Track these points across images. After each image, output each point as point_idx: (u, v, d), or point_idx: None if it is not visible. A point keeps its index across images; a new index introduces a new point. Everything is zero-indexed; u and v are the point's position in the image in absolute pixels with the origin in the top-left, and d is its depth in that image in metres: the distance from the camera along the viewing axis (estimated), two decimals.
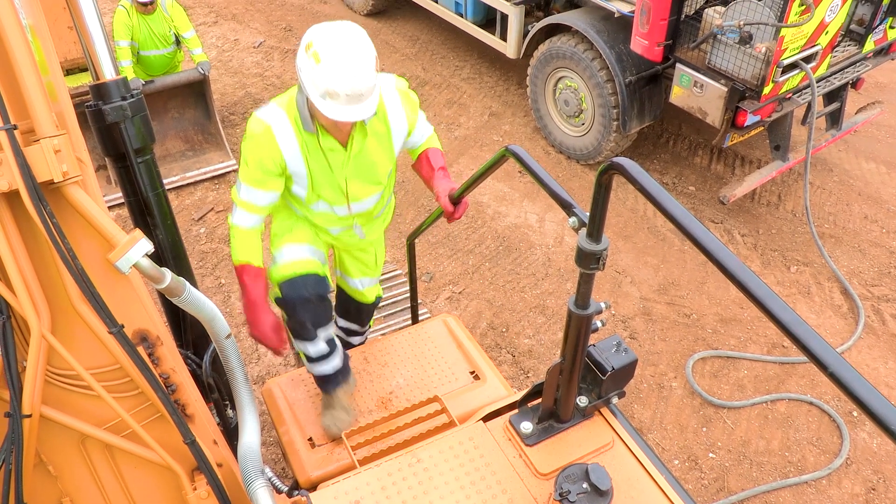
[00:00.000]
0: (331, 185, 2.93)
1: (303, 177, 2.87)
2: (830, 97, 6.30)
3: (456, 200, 3.11)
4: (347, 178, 2.93)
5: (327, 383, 3.28)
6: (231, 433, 3.10)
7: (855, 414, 4.74)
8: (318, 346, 3.20)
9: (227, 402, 3.18)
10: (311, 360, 3.24)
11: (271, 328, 3.02)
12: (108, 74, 2.50)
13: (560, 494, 2.18)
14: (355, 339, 4.00)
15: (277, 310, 3.19)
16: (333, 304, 3.64)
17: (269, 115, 2.75)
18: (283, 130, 2.75)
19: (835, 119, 6.40)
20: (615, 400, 2.51)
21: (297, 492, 2.90)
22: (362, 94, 2.56)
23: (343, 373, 3.33)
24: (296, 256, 3.10)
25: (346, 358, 3.37)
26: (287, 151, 2.77)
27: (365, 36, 2.59)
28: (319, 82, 2.51)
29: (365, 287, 3.66)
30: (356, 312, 3.85)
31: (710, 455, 4.54)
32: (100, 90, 2.49)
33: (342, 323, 3.92)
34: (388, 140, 2.94)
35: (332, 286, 3.46)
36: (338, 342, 3.35)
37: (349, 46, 2.52)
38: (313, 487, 2.53)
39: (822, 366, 1.38)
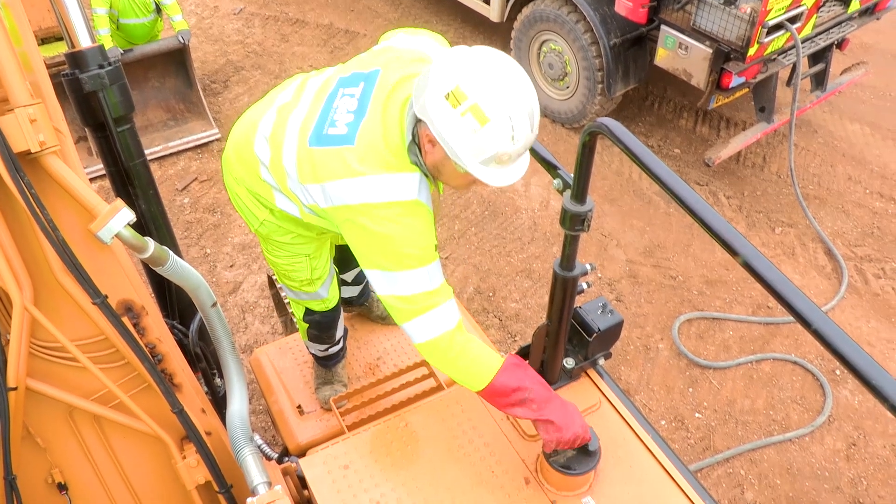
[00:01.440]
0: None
1: None
2: (815, 58, 6.28)
3: None
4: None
5: (329, 360, 3.29)
6: (219, 402, 3.10)
7: (838, 372, 4.81)
8: (333, 345, 3.22)
9: (215, 371, 3.18)
10: (321, 352, 3.26)
11: (581, 423, 2.20)
12: (84, 42, 2.45)
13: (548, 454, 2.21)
14: (353, 291, 3.52)
15: (303, 324, 3.11)
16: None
17: (410, 190, 2.08)
18: (426, 195, 2.15)
19: (820, 80, 6.39)
20: (601, 361, 2.54)
21: (286, 458, 2.92)
22: (536, 134, 1.99)
23: (344, 350, 3.32)
24: (330, 288, 2.93)
25: (345, 332, 3.35)
26: (432, 209, 2.20)
27: (517, 64, 1.98)
28: (490, 142, 1.90)
29: None
30: None
31: (697, 415, 4.59)
32: (76, 58, 2.44)
33: (351, 276, 3.43)
34: None
35: None
36: (344, 327, 3.33)
37: (515, 87, 1.90)
38: (303, 454, 2.55)
39: (805, 323, 1.39)
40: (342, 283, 3.38)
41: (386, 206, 2.05)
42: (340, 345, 3.27)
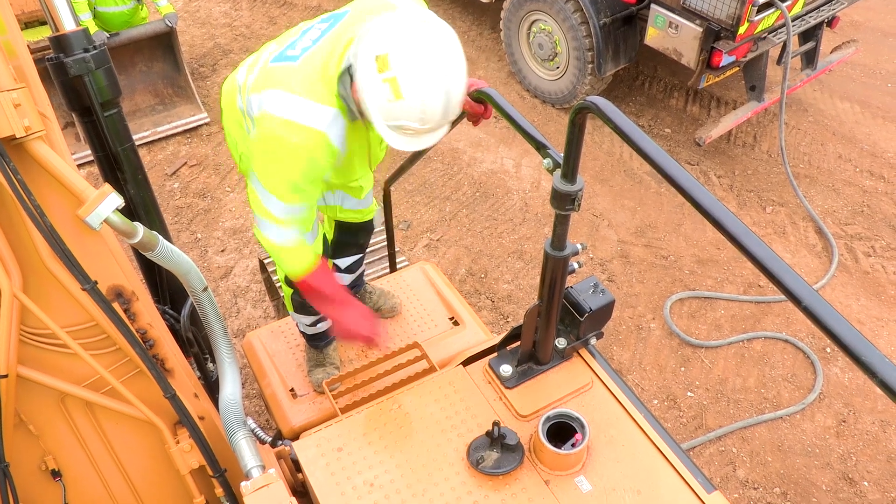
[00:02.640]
0: (361, 160, 2.67)
1: (339, 163, 2.47)
2: (806, 36, 6.27)
3: (479, 101, 2.56)
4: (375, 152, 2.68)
5: (320, 340, 3.28)
6: (212, 386, 3.10)
7: (829, 350, 4.84)
8: (318, 317, 3.19)
9: (207, 356, 3.18)
10: (307, 325, 3.24)
11: (370, 320, 2.63)
12: (68, 25, 2.43)
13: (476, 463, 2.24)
14: (347, 279, 3.45)
15: (287, 288, 3.09)
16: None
17: (320, 121, 2.20)
18: (339, 134, 2.26)
19: (810, 59, 6.38)
20: (593, 341, 2.54)
21: (280, 441, 2.92)
22: (450, 119, 2.11)
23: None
24: (313, 242, 2.84)
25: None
26: (341, 147, 2.32)
27: (456, 43, 2.08)
28: (395, 115, 2.03)
29: (371, 201, 3.24)
30: (363, 235, 3.34)
31: (689, 394, 4.62)
32: (60, 42, 2.41)
33: (345, 263, 3.39)
34: None
35: None
36: None
37: (443, 70, 1.99)
38: (297, 437, 2.55)
39: (796, 300, 1.39)
40: (336, 268, 3.37)
41: (292, 125, 2.17)
42: (329, 322, 3.26)
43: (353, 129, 2.35)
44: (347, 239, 3.33)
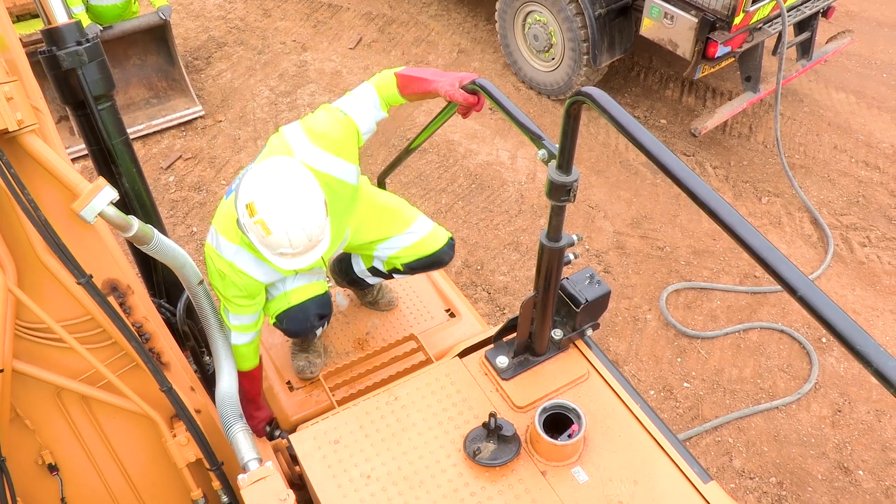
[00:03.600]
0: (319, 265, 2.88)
1: (282, 275, 2.82)
2: (801, 27, 6.26)
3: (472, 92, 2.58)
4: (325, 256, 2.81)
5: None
6: (209, 380, 3.10)
7: (824, 340, 4.85)
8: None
9: (204, 349, 3.18)
10: None
11: (263, 423, 3.00)
12: (60, 18, 2.41)
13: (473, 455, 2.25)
14: (374, 280, 3.44)
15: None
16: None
17: (228, 253, 2.64)
18: (247, 263, 2.64)
19: (805, 49, 6.38)
20: (590, 332, 2.54)
21: (277, 432, 2.93)
22: (319, 240, 2.43)
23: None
24: (297, 284, 2.93)
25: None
26: (262, 275, 2.69)
27: (307, 180, 2.37)
28: (273, 246, 2.37)
29: (426, 230, 3.12)
30: (433, 267, 3.25)
31: (685, 384, 4.63)
32: (52, 35, 2.40)
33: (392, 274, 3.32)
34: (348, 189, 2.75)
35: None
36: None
37: (297, 206, 2.32)
38: (293, 430, 2.55)
39: (791, 290, 1.39)
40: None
41: (215, 255, 2.66)
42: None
43: None
44: (418, 269, 3.22)
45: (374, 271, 3.27)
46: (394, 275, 3.24)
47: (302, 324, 2.93)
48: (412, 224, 3.10)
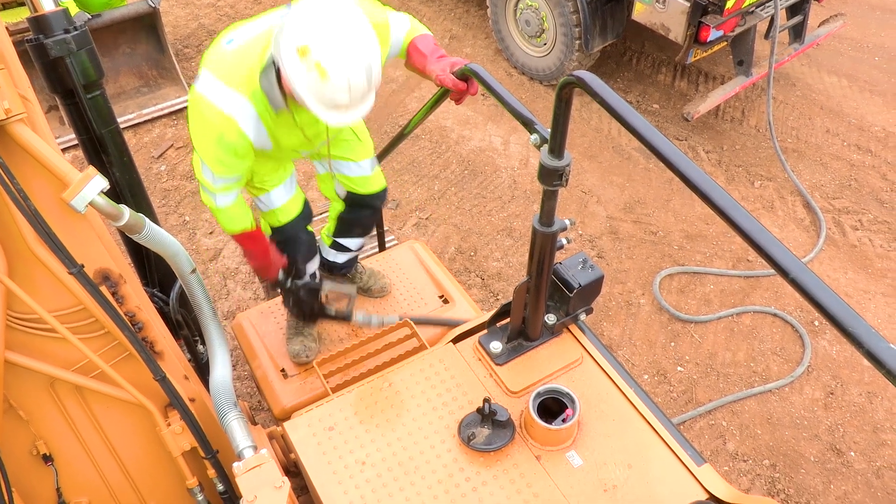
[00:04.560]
0: (296, 143, 2.75)
1: (268, 146, 2.65)
2: (793, 10, 6.26)
3: (463, 78, 2.64)
4: (329, 144, 2.82)
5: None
6: (203, 368, 3.10)
7: (816, 323, 4.87)
8: (303, 280, 3.23)
9: (197, 338, 3.18)
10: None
11: (281, 265, 3.05)
12: (47, 6, 2.39)
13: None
14: (345, 257, 3.51)
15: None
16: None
17: (229, 106, 2.42)
18: (248, 120, 2.46)
19: (797, 32, 6.36)
20: (583, 317, 2.55)
21: (297, 281, 3.15)
22: (375, 86, 2.30)
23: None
24: (282, 201, 3.03)
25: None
26: (255, 138, 2.52)
27: (363, 19, 2.23)
28: (327, 97, 2.22)
29: (372, 168, 3.23)
30: (367, 212, 3.37)
31: (679, 368, 4.65)
32: (39, 23, 2.38)
33: (345, 241, 3.46)
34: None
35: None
36: (317, 273, 3.37)
37: (356, 48, 2.17)
38: (288, 417, 2.56)
39: (783, 272, 1.40)
40: (336, 246, 3.44)
41: (209, 105, 2.42)
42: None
43: (277, 119, 2.53)
44: (354, 215, 3.36)
45: (336, 245, 3.44)
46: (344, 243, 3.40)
47: (293, 232, 3.05)
48: (367, 159, 3.20)
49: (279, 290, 3.14)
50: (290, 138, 2.69)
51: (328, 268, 3.53)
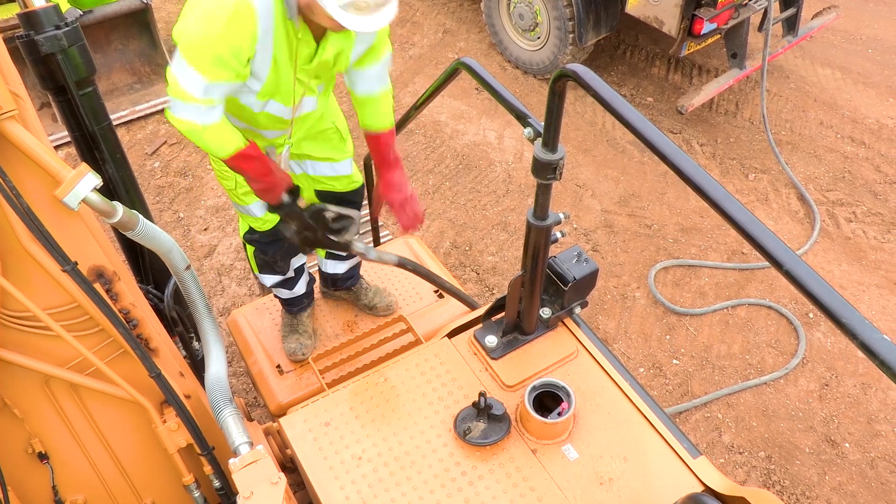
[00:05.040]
0: (286, 82, 2.55)
1: (264, 69, 2.42)
2: (786, 2, 6.25)
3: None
4: (307, 77, 2.57)
5: (293, 305, 3.27)
6: (199, 365, 3.09)
7: (811, 315, 4.88)
8: (285, 277, 3.19)
9: (193, 335, 3.17)
10: (275, 284, 3.22)
11: (287, 185, 2.67)
12: (38, 2, 2.38)
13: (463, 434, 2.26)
14: (344, 266, 3.45)
15: (250, 246, 3.12)
16: None
17: None
18: (266, 16, 2.26)
19: (791, 25, 6.37)
20: (578, 310, 2.55)
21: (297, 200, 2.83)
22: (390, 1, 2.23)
23: (308, 296, 3.31)
24: (263, 211, 2.90)
25: (311, 282, 3.35)
26: (263, 39, 2.30)
27: None
28: None
29: (352, 168, 3.15)
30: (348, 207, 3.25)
31: (674, 361, 4.66)
32: (29, 19, 2.37)
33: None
34: (350, 48, 2.59)
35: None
36: (305, 267, 3.32)
37: None
38: (284, 413, 2.56)
39: (777, 264, 1.40)
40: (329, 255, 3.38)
41: None
42: (300, 288, 3.25)
43: (286, 33, 2.35)
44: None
45: (329, 254, 3.32)
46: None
47: (276, 236, 2.87)
48: (348, 159, 3.09)
49: (282, 215, 2.77)
50: (289, 69, 2.49)
51: (331, 282, 3.49)
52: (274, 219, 2.90)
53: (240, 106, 2.58)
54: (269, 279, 3.19)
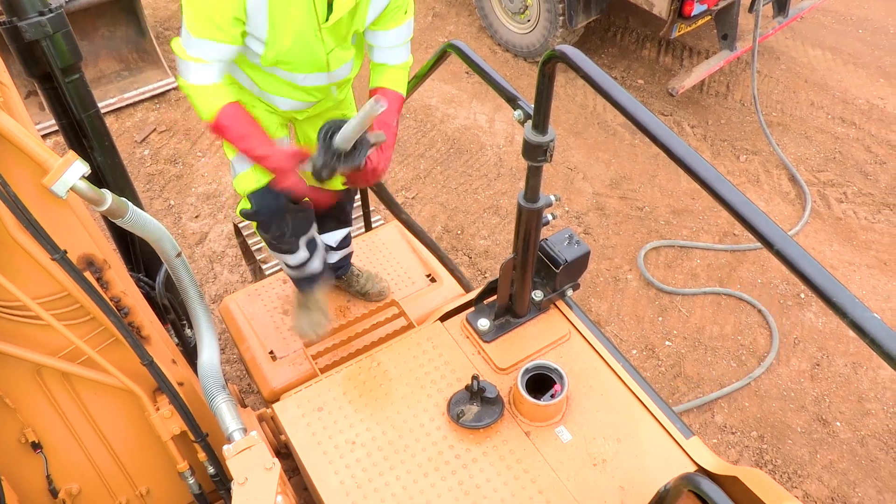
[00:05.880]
0: (300, 45, 2.42)
1: (261, 30, 2.31)
2: None
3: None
4: (332, 38, 2.47)
5: (304, 283, 3.15)
6: (191, 352, 3.09)
7: (802, 296, 4.90)
8: (298, 256, 2.97)
9: (185, 322, 3.16)
10: (290, 267, 3.06)
11: (286, 156, 2.48)
12: None
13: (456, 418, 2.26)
14: (336, 256, 3.36)
15: (248, 222, 2.90)
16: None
17: None
18: None
19: (781, 6, 6.35)
20: (570, 293, 2.55)
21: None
22: None
23: (324, 272, 3.17)
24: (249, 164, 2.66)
25: (326, 256, 3.23)
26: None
27: None
28: None
29: None
30: (338, 205, 3.15)
31: (667, 343, 4.68)
32: (12, 5, 2.34)
33: (332, 239, 3.29)
34: (367, 3, 2.47)
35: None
36: (319, 242, 3.11)
37: None
38: (277, 399, 2.56)
39: (768, 244, 1.40)
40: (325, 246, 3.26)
41: None
42: (315, 266, 3.07)
43: None
44: (325, 210, 3.10)
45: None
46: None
47: (272, 200, 2.68)
48: None
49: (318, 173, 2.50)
50: (306, 31, 2.39)
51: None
52: (264, 177, 2.69)
53: (258, 71, 2.51)
54: (286, 259, 3.00)
